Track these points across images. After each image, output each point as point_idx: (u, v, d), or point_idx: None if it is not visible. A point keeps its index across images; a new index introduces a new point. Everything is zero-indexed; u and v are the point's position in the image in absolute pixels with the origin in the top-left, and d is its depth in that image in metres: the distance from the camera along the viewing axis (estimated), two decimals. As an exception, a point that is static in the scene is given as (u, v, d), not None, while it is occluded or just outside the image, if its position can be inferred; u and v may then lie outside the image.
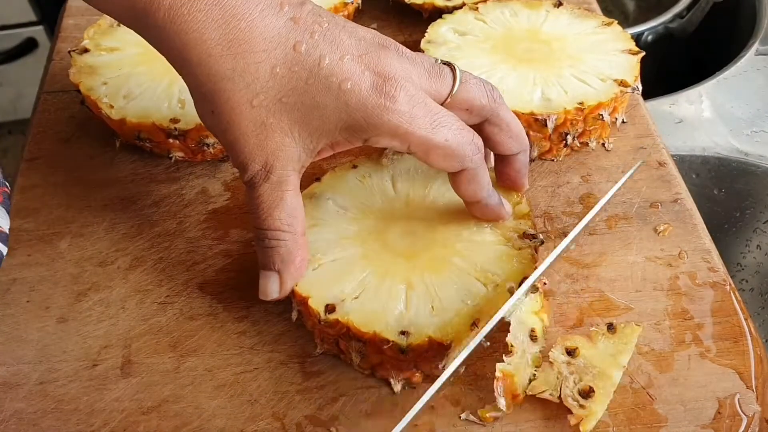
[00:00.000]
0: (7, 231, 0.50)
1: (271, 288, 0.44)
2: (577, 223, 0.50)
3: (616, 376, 0.43)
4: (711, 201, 0.86)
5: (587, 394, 0.43)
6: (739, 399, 0.44)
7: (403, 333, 0.42)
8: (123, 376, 0.46)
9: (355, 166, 0.53)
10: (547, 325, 0.45)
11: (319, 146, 0.43)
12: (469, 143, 0.44)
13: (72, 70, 0.59)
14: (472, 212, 0.48)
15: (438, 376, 0.41)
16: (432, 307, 0.44)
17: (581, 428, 0.42)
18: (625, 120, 0.61)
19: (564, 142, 0.58)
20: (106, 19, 0.63)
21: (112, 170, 0.60)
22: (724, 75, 0.92)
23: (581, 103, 0.56)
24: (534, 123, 0.56)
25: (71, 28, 0.73)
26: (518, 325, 0.43)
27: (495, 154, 0.50)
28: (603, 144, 0.60)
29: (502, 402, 0.43)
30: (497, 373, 0.42)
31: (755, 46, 0.95)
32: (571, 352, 0.44)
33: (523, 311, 0.44)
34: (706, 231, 0.54)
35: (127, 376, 0.46)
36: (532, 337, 0.44)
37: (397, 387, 0.45)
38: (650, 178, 0.58)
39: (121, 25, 0.63)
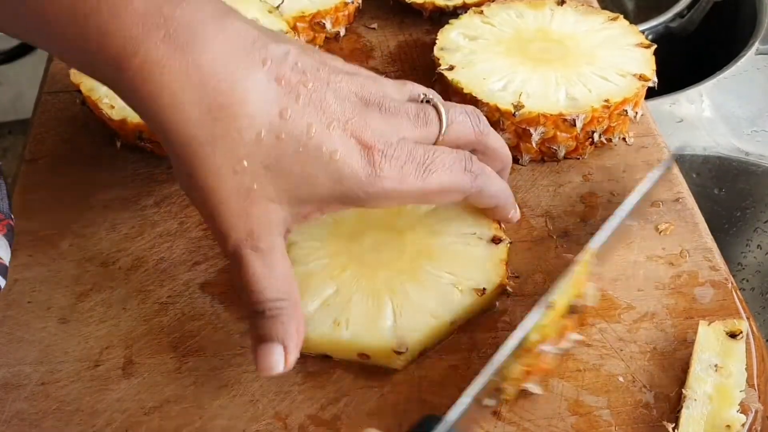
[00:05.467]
0: (7, 263, 0.49)
1: (277, 360, 0.40)
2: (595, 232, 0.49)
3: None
4: (712, 200, 0.86)
5: None
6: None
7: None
8: (125, 376, 0.46)
9: None
10: None
11: (306, 211, 0.42)
12: (463, 176, 0.44)
13: (72, 71, 0.59)
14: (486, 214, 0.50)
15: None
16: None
17: None
18: (637, 114, 0.61)
19: (590, 139, 0.58)
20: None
21: (113, 171, 0.60)
22: (725, 74, 0.92)
23: (607, 101, 0.56)
24: (562, 124, 0.56)
25: (72, 28, 0.73)
26: None
27: None
28: (624, 138, 0.61)
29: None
30: None
31: (756, 46, 0.95)
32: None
33: None
34: (708, 230, 0.54)
35: (128, 376, 0.46)
36: None
37: None
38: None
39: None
